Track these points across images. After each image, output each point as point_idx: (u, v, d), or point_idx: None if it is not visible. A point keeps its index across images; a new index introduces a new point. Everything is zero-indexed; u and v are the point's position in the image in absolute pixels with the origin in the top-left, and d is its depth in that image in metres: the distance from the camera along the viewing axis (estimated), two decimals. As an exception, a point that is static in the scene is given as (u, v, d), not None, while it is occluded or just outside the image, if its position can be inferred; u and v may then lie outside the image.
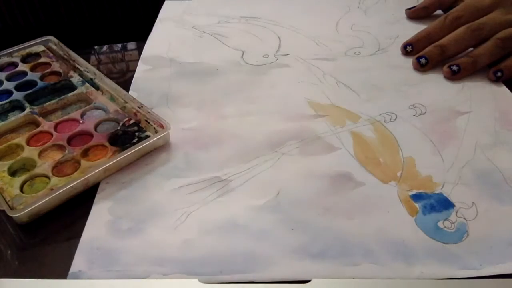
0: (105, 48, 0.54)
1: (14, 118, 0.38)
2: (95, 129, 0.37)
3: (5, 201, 0.31)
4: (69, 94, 0.41)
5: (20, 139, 0.36)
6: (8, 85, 0.43)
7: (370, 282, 0.26)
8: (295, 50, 0.50)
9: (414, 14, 0.55)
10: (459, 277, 0.27)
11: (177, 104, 0.42)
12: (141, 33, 0.54)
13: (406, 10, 0.56)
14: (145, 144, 0.35)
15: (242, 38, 0.52)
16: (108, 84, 0.42)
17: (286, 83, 0.45)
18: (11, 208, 0.30)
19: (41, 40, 0.49)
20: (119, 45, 0.54)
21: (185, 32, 0.54)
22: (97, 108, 0.40)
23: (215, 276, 0.27)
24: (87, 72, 0.44)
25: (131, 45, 0.55)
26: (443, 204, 0.31)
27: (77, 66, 0.45)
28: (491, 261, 0.28)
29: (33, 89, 0.42)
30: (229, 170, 0.35)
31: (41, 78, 0.44)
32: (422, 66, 0.46)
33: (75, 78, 0.44)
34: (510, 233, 0.29)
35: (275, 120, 0.40)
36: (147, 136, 0.36)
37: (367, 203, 0.32)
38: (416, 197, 0.32)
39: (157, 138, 0.36)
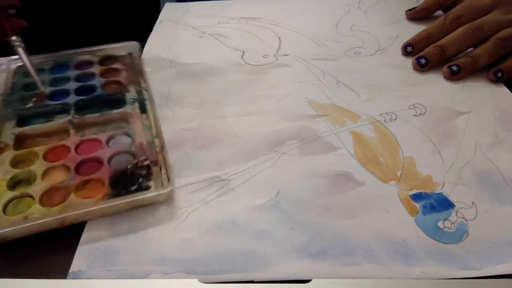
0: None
1: (50, 124, 0.38)
2: (109, 161, 0.35)
3: None
4: (113, 111, 0.40)
5: (41, 148, 0.36)
6: (71, 85, 0.43)
7: (370, 282, 0.26)
8: (295, 50, 0.50)
9: (414, 16, 0.55)
10: (459, 277, 0.27)
11: (177, 104, 0.42)
12: (141, 33, 0.54)
13: (406, 11, 0.56)
14: (137, 198, 0.31)
15: (242, 38, 0.53)
16: (154, 112, 0.39)
17: (286, 83, 0.45)
18: None
19: (126, 44, 0.49)
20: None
21: (185, 32, 0.54)
22: (126, 134, 0.38)
23: (215, 276, 0.27)
24: (145, 90, 0.42)
25: (131, 45, 0.54)
26: (443, 204, 0.31)
27: (141, 81, 0.44)
28: (491, 261, 0.28)
29: (88, 96, 0.42)
30: (229, 169, 0.35)
31: (103, 86, 0.43)
32: (422, 66, 0.46)
33: (131, 93, 0.42)
34: (510, 233, 0.29)
35: (275, 120, 0.40)
36: (148, 188, 0.33)
37: (367, 203, 0.32)
38: (416, 197, 0.32)
39: (155, 194, 0.31)
